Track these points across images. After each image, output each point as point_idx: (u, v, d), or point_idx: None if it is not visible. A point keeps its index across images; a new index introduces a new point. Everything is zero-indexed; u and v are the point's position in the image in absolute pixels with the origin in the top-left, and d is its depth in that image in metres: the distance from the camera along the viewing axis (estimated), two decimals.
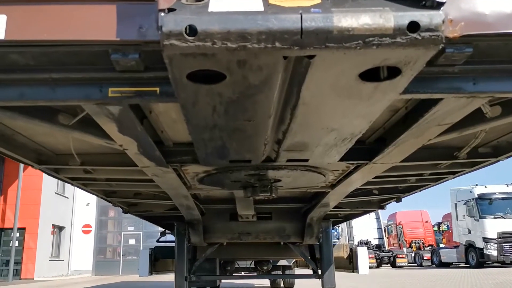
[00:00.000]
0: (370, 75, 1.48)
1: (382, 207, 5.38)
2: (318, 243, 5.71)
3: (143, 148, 2.41)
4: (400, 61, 1.37)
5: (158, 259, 6.35)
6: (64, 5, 1.46)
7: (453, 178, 3.83)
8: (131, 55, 1.45)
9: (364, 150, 2.79)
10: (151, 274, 6.13)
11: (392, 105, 1.96)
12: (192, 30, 1.22)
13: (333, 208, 4.85)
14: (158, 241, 6.85)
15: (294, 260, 10.05)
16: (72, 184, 3.76)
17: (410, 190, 4.51)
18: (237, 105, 1.72)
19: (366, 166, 2.90)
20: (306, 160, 2.63)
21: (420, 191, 4.43)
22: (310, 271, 9.62)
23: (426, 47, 1.29)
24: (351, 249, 6.39)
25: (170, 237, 6.86)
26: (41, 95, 1.66)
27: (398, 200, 4.91)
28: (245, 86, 1.54)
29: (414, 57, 1.35)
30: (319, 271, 5.71)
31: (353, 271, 6.24)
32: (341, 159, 2.65)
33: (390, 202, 5.18)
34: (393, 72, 1.45)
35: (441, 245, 29.45)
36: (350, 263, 6.31)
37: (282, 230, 5.52)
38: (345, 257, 6.35)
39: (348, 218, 6.97)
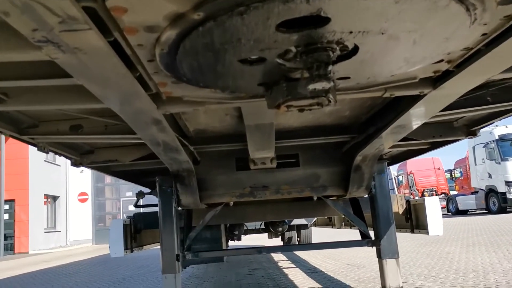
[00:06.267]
0: None
1: (474, 133, 3.46)
2: (367, 196, 3.89)
3: None
4: None
5: (140, 230, 4.55)
6: None
7: None
8: None
9: None
10: (131, 252, 4.35)
11: None
12: None
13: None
14: (136, 206, 4.96)
15: (315, 219, 8.24)
16: None
17: None
18: None
19: None
20: None
21: None
22: (334, 231, 7.81)
23: None
24: (408, 201, 4.55)
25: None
26: None
27: None
28: None
29: None
30: (372, 236, 3.90)
31: (412, 231, 4.43)
32: None
33: (493, 123, 3.24)
34: None
35: (453, 192, 28.21)
36: (407, 221, 4.50)
37: (315, 179, 3.67)
38: (400, 212, 4.54)
39: (398, 159, 5.03)
